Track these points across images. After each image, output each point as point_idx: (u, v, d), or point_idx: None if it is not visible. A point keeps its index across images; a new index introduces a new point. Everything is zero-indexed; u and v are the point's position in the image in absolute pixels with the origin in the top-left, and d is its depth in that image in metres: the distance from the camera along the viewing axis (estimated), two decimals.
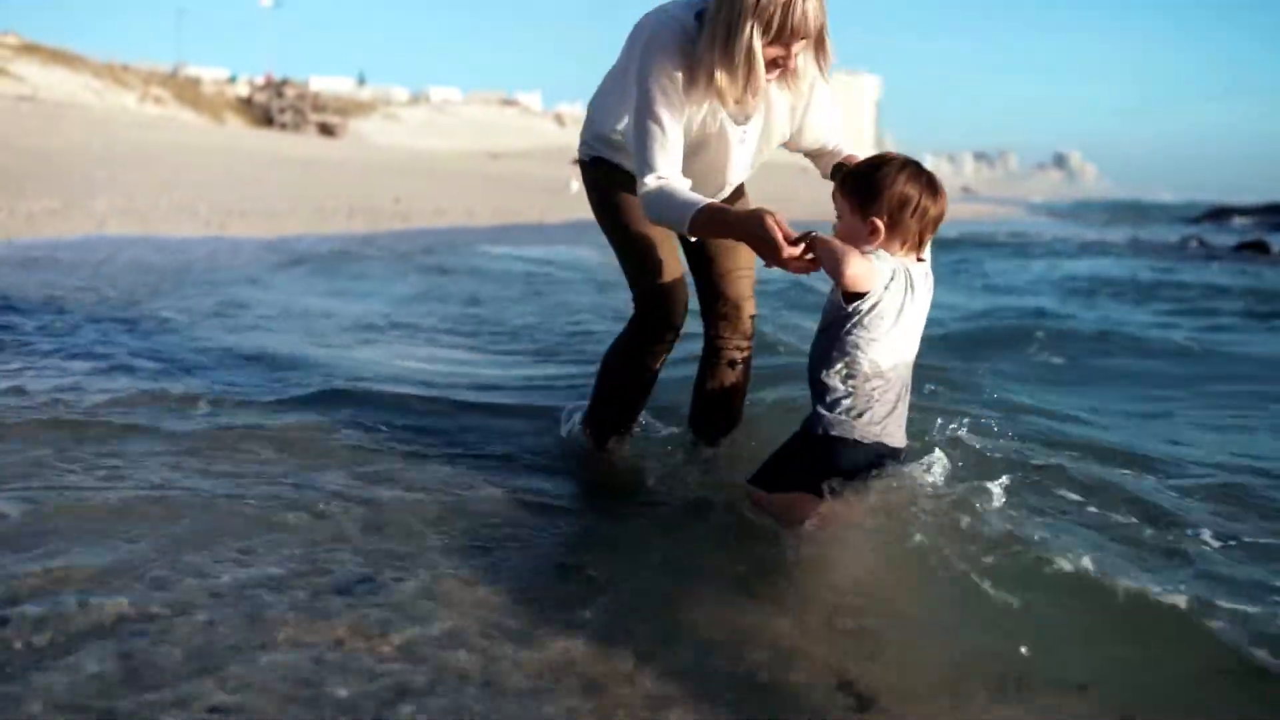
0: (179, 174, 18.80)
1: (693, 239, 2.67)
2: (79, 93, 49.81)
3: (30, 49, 53.81)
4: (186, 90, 63.14)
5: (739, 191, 3.02)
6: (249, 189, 17.49)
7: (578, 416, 3.31)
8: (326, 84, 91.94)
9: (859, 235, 2.33)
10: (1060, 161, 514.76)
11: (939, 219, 2.33)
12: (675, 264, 2.86)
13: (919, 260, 2.37)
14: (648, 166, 2.55)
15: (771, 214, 2.37)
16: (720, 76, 2.45)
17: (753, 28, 2.38)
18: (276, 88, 68.07)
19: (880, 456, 2.39)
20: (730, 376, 3.04)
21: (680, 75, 2.53)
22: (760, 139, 2.78)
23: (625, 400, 3.09)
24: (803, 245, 2.30)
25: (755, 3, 2.36)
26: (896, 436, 2.41)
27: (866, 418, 2.35)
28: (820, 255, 2.29)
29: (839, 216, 2.40)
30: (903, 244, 2.33)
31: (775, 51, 2.44)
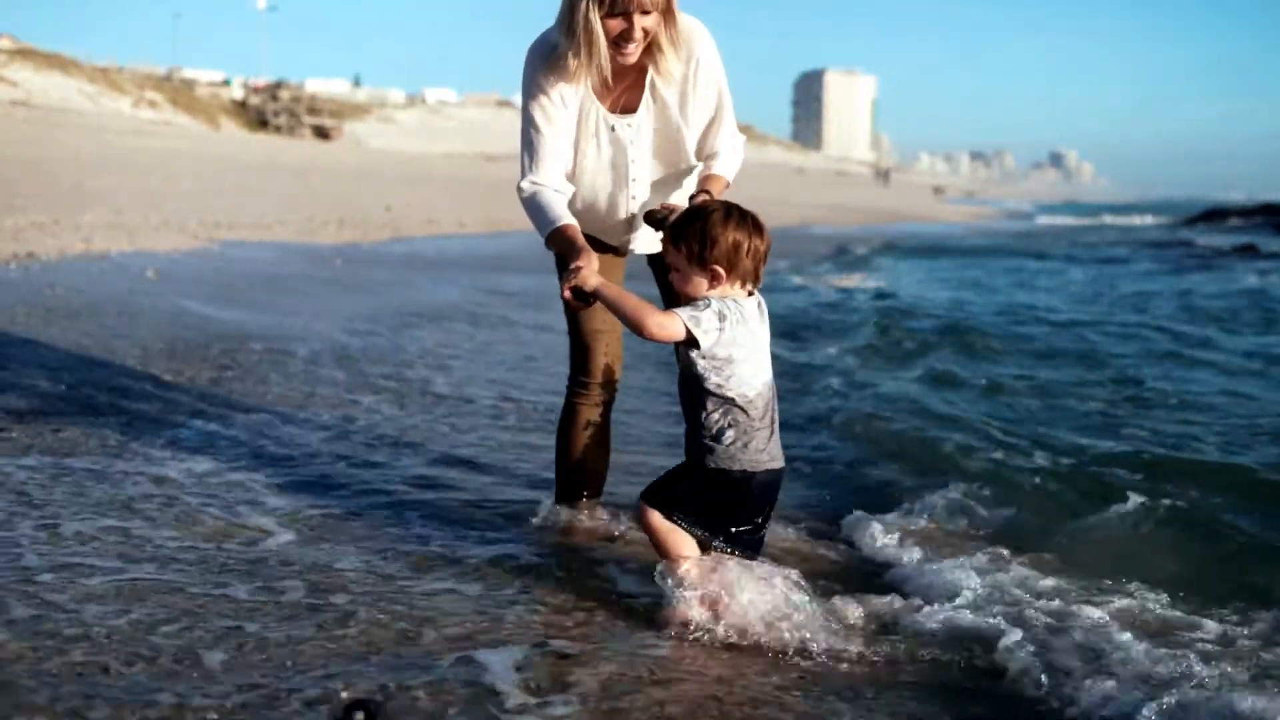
0: (170, 184, 18.78)
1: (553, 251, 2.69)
2: (73, 97, 49.73)
3: (25, 53, 53.76)
4: (181, 94, 63.03)
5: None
6: (239, 199, 17.49)
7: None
8: (323, 86, 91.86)
9: (701, 283, 2.45)
10: (1057, 160, 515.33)
11: (768, 251, 2.49)
12: (593, 316, 2.88)
13: (750, 295, 2.49)
14: (524, 171, 2.69)
15: (583, 264, 2.44)
16: (570, 60, 2.55)
17: (588, 3, 2.48)
18: (271, 90, 68.01)
19: (766, 485, 2.49)
20: None
21: (549, 80, 2.64)
22: (655, 135, 2.77)
23: (570, 457, 3.09)
24: (579, 292, 2.42)
25: None
26: (779, 459, 2.52)
27: (752, 447, 2.46)
28: (615, 312, 2.45)
29: (674, 269, 2.50)
30: (742, 283, 2.47)
31: (617, 25, 2.52)
